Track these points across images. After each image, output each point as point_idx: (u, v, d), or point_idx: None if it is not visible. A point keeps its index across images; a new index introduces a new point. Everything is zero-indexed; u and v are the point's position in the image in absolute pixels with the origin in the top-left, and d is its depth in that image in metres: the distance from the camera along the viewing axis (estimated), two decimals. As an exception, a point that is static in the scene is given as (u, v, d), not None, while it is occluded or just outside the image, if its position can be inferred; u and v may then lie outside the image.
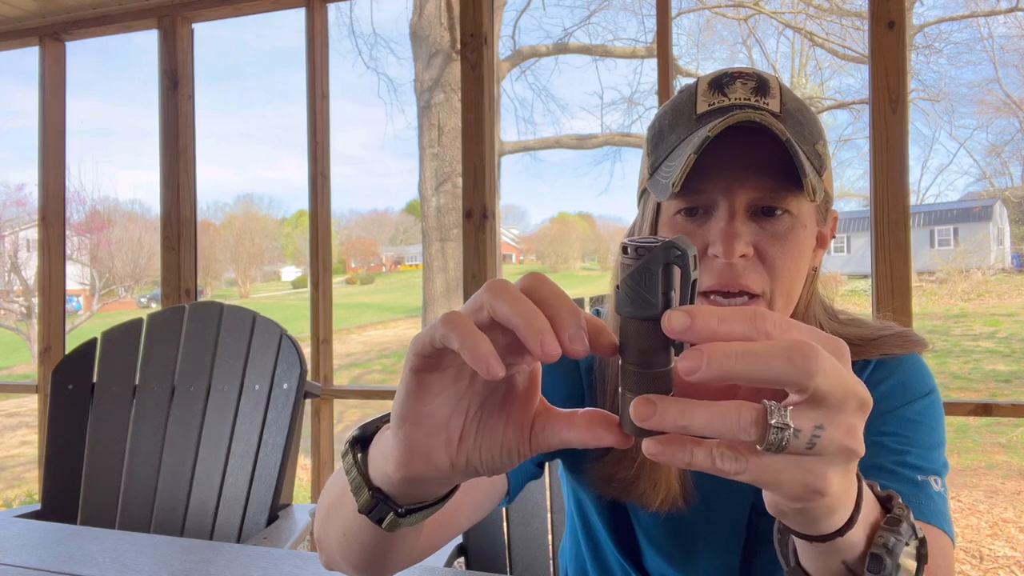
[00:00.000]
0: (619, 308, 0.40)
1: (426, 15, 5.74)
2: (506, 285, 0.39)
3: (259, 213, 35.70)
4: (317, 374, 2.50)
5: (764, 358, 0.35)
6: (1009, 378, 8.74)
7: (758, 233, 0.68)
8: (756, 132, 0.65)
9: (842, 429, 0.37)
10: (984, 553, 4.12)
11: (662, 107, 0.76)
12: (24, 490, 6.34)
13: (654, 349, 0.38)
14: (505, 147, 8.25)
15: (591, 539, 0.87)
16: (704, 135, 0.63)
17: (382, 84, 17.55)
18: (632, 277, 0.38)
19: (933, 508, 0.66)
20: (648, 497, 0.74)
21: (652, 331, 0.38)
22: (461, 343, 0.38)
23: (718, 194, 0.68)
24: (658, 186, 0.69)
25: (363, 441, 0.51)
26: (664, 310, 0.38)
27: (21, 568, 0.98)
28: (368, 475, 0.49)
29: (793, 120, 0.69)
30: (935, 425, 0.74)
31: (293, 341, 1.61)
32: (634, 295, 0.38)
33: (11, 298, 13.53)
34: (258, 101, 69.04)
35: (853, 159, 12.82)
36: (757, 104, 0.69)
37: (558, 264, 27.48)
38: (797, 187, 0.64)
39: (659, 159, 0.72)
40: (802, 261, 0.71)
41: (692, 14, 10.73)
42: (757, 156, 0.67)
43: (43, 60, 2.87)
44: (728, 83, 0.70)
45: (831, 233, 0.78)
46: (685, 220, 0.71)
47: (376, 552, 0.56)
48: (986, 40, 12.99)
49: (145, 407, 1.67)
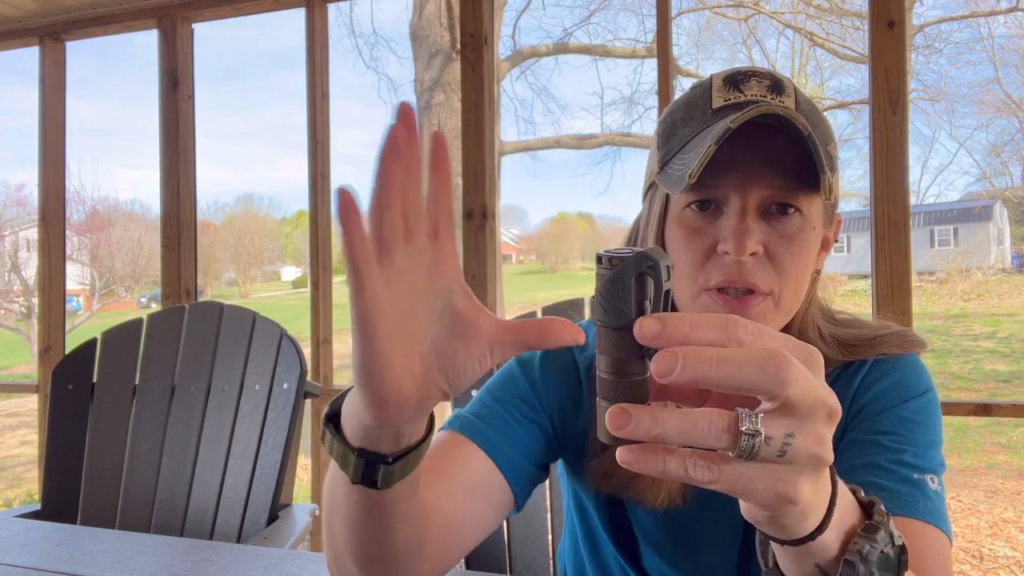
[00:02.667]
0: (594, 317, 0.41)
1: (426, 15, 5.74)
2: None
3: (259, 213, 35.68)
4: (317, 374, 2.50)
5: (737, 365, 0.35)
6: (1009, 378, 8.74)
7: (768, 232, 0.69)
8: (771, 130, 0.65)
9: (812, 437, 0.37)
10: (984, 553, 4.12)
11: (674, 102, 0.76)
12: (24, 490, 6.34)
13: (628, 358, 0.39)
14: (505, 147, 8.25)
15: (590, 539, 0.87)
16: (725, 127, 0.63)
17: (382, 84, 17.55)
18: (606, 287, 0.40)
19: (930, 507, 0.66)
20: (648, 494, 0.74)
21: (626, 340, 0.39)
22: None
23: (731, 189, 0.68)
24: (670, 179, 0.69)
25: (334, 416, 0.52)
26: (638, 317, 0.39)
27: (21, 568, 0.98)
28: (348, 441, 0.50)
29: (808, 119, 0.69)
30: (932, 424, 0.74)
31: (293, 341, 1.61)
32: (608, 304, 0.40)
33: (11, 298, 13.54)
34: (258, 101, 69.04)
35: (853, 159, 12.81)
36: (775, 101, 0.69)
37: (558, 264, 27.48)
38: (809, 186, 0.65)
39: (671, 152, 0.72)
40: (809, 262, 0.71)
41: (692, 14, 10.72)
42: (771, 154, 0.67)
43: (43, 60, 2.87)
44: (743, 80, 0.71)
45: (834, 236, 0.78)
46: (695, 215, 0.71)
47: (379, 533, 0.56)
48: (986, 40, 12.99)
49: (145, 407, 1.67)
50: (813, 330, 0.77)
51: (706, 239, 0.69)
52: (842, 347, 0.77)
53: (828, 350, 0.76)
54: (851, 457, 0.71)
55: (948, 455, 6.14)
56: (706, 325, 0.37)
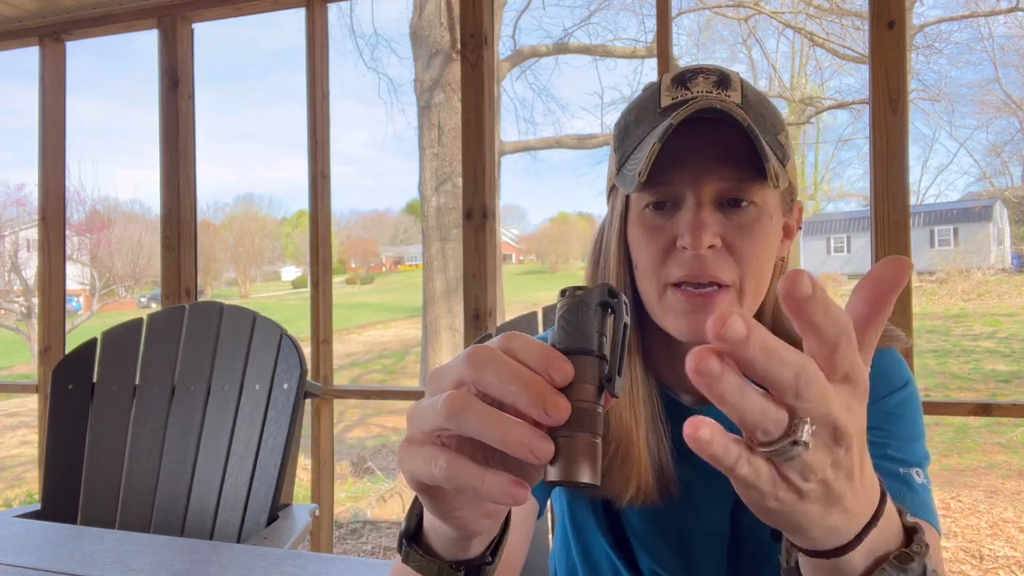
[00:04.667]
0: (556, 342, 0.41)
1: (426, 15, 5.74)
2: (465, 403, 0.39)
3: (259, 213, 35.73)
4: (317, 374, 2.50)
5: (781, 362, 0.35)
6: (1009, 378, 8.75)
7: (725, 224, 0.69)
8: (720, 125, 0.66)
9: (827, 462, 0.38)
10: (984, 553, 4.12)
11: (627, 105, 0.77)
12: (24, 490, 6.34)
13: (582, 383, 0.39)
14: (505, 147, 8.25)
15: (581, 541, 0.87)
16: (667, 124, 0.64)
17: (383, 84, 17.56)
18: (569, 311, 0.41)
19: (917, 501, 0.67)
20: (618, 490, 0.74)
21: (585, 365, 0.39)
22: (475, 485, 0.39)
23: (685, 186, 0.69)
24: (625, 179, 0.70)
25: (413, 536, 0.51)
26: (598, 346, 0.40)
27: (21, 568, 0.98)
28: (441, 555, 0.49)
29: (754, 111, 0.70)
30: (913, 417, 0.74)
31: (293, 341, 1.61)
32: (570, 328, 0.40)
33: (11, 298, 13.54)
34: (259, 101, 69.04)
35: (853, 159, 12.83)
36: (719, 96, 0.70)
37: (558, 264, 27.48)
38: (762, 177, 0.65)
39: (626, 153, 0.73)
40: (769, 251, 0.72)
41: (692, 14, 10.73)
42: (722, 148, 0.68)
43: (43, 60, 2.87)
44: (691, 78, 0.72)
45: (797, 224, 0.79)
46: (654, 214, 0.71)
47: None
48: (986, 40, 13.00)
49: (145, 407, 1.67)
50: (785, 316, 0.77)
51: (665, 236, 0.70)
52: None
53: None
54: None
55: (948, 455, 6.10)
56: (832, 316, 0.36)
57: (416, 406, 0.42)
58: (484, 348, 0.40)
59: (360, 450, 7.02)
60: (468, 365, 0.39)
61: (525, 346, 0.40)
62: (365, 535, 4.62)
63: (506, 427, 0.37)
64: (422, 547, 0.49)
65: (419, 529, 0.50)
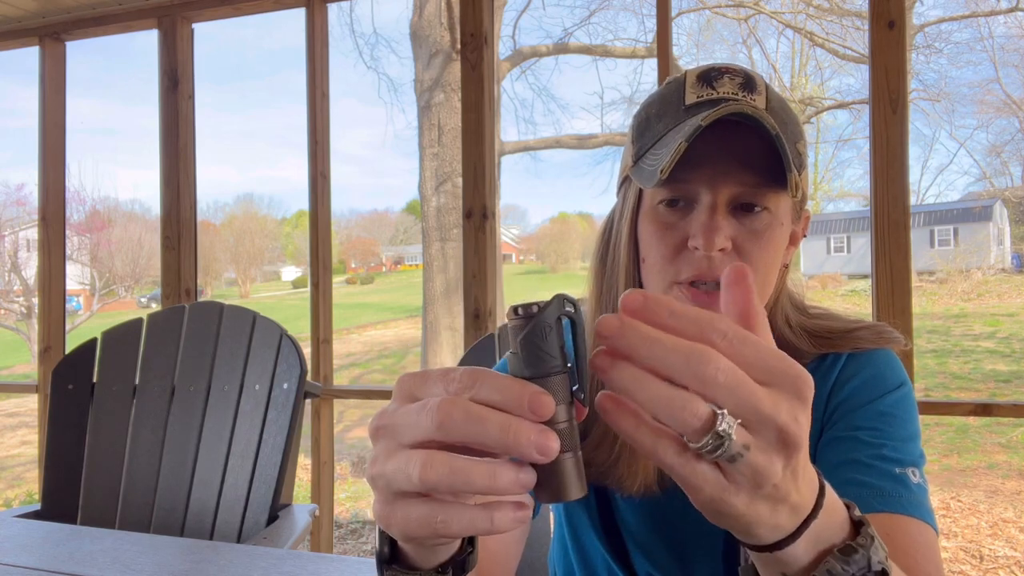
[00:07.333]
0: (517, 372, 0.39)
1: (426, 15, 5.74)
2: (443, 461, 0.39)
3: (259, 213, 35.75)
4: (317, 374, 2.50)
5: (666, 349, 0.36)
6: (1009, 378, 8.74)
7: (737, 228, 0.69)
8: (741, 128, 0.66)
9: (763, 457, 0.38)
10: (984, 553, 4.12)
11: (649, 96, 0.77)
12: (24, 490, 6.34)
13: (559, 405, 0.39)
14: (505, 147, 8.25)
15: (577, 542, 0.87)
16: (696, 124, 0.64)
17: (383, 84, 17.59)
18: (528, 337, 0.39)
19: (914, 501, 0.67)
20: (625, 481, 0.75)
21: (555, 385, 0.39)
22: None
23: (702, 186, 0.69)
24: (643, 174, 0.70)
25: (389, 557, 0.50)
26: (563, 362, 0.39)
27: (21, 568, 0.98)
28: (420, 566, 0.49)
29: (778, 118, 0.70)
30: (909, 417, 0.74)
31: (293, 341, 1.61)
32: (530, 355, 0.39)
33: (11, 298, 13.53)
34: (259, 101, 69.04)
35: (853, 159, 12.85)
36: (745, 99, 0.70)
37: (558, 264, 27.48)
38: (778, 184, 0.66)
39: (645, 147, 0.73)
40: (777, 257, 0.72)
41: (692, 14, 10.73)
42: (742, 152, 0.68)
43: (43, 60, 2.87)
44: (716, 77, 0.72)
45: (803, 232, 0.79)
46: (667, 211, 0.71)
47: None
48: (986, 40, 13.00)
49: (145, 407, 1.67)
50: (781, 319, 0.78)
51: (677, 234, 0.70)
52: (813, 338, 0.78)
53: (797, 340, 0.77)
54: (831, 454, 0.72)
55: (948, 455, 6.10)
56: (686, 316, 0.37)
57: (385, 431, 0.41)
58: (456, 408, 0.38)
59: (360, 450, 7.02)
60: (439, 427, 0.38)
61: (498, 388, 0.38)
62: (365, 535, 4.62)
63: (493, 475, 0.38)
64: (402, 564, 0.49)
65: (394, 549, 0.50)
